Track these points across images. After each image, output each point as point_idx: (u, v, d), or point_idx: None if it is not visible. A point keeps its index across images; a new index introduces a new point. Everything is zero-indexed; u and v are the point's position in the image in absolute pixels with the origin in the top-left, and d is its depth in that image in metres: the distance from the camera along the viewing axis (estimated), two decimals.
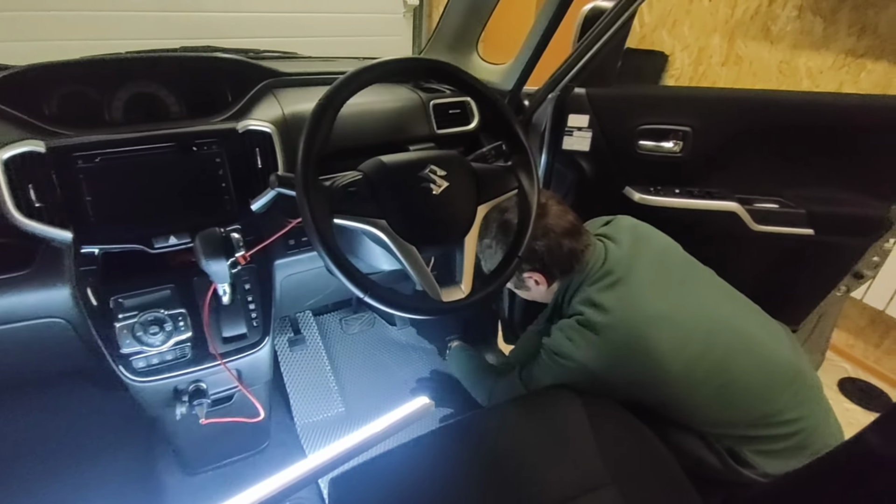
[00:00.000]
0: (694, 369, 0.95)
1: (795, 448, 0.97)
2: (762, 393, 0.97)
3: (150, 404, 0.99)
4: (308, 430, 1.39)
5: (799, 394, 0.99)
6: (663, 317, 0.95)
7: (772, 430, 0.97)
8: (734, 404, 0.97)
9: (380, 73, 0.80)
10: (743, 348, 0.98)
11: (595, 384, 0.97)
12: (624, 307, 0.96)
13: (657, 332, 0.94)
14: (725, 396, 0.96)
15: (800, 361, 1.03)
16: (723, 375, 0.96)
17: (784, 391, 0.98)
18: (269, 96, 1.12)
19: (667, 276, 1.03)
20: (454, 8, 1.38)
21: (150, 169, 0.93)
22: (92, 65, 1.01)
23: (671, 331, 0.95)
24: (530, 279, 1.07)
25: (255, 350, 1.01)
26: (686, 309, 0.98)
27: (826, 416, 1.02)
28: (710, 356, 0.96)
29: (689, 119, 1.29)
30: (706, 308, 1.01)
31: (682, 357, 0.94)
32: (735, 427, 0.99)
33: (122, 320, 0.90)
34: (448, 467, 0.89)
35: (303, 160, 0.72)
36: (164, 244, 0.94)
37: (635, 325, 0.94)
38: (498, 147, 1.04)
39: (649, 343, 0.93)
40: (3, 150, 0.83)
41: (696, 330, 0.96)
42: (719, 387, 0.96)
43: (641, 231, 1.12)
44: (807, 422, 0.98)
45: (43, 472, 1.27)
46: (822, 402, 1.03)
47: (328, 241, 0.73)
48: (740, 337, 0.99)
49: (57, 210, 0.87)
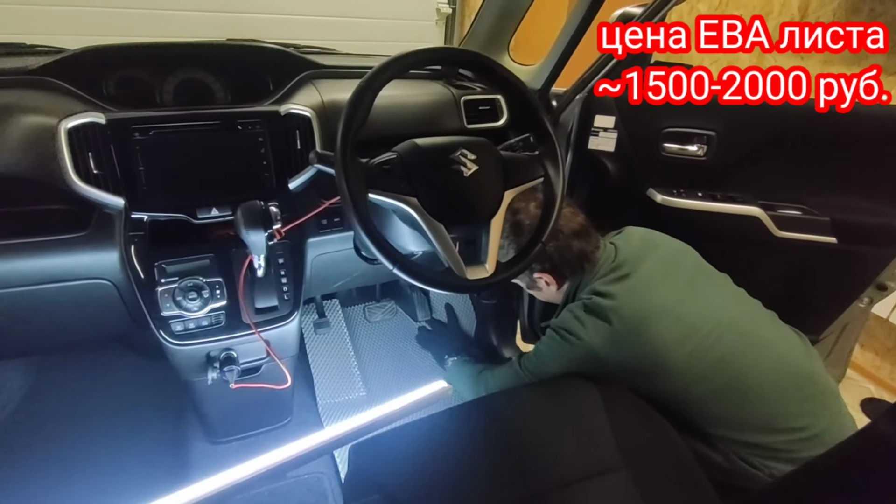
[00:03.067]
0: (695, 364, 0.96)
1: (806, 454, 0.96)
2: (768, 395, 0.97)
3: (184, 368, 1.04)
4: (329, 409, 1.43)
5: (810, 400, 0.99)
6: (666, 309, 0.98)
7: (780, 437, 0.97)
8: (739, 405, 0.98)
9: (417, 60, 0.84)
10: (748, 350, 0.99)
11: (598, 369, 1.00)
12: (629, 296, 0.99)
13: (658, 323, 0.97)
14: (729, 395, 0.97)
15: (813, 367, 1.03)
16: (726, 373, 0.97)
17: (793, 396, 0.98)
18: (308, 85, 1.18)
19: (675, 275, 1.05)
20: (487, 11, 1.43)
21: (198, 145, 1.00)
22: (146, 49, 1.09)
23: (673, 324, 0.97)
24: (541, 279, 1.10)
25: (285, 323, 1.06)
26: (690, 306, 1.00)
27: (841, 424, 1.00)
28: (713, 353, 0.97)
29: (713, 124, 1.31)
30: (711, 308, 1.02)
31: (683, 350, 0.96)
32: (741, 430, 0.98)
33: (164, 285, 0.96)
34: (464, 443, 0.92)
35: (342, 137, 0.77)
36: (207, 215, 1.00)
37: (637, 313, 0.97)
38: (525, 139, 1.08)
39: (650, 332, 0.96)
40: (67, 120, 0.91)
41: (699, 326, 0.98)
42: (722, 385, 0.97)
43: (652, 237, 1.15)
44: (818, 428, 0.97)
45: (81, 435, 1.34)
46: (838, 410, 1.02)
47: (363, 214, 0.77)
48: (746, 339, 1.00)
49: (112, 178, 0.94)
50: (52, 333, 1.09)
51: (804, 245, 1.29)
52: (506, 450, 0.89)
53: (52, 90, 0.99)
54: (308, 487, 1.18)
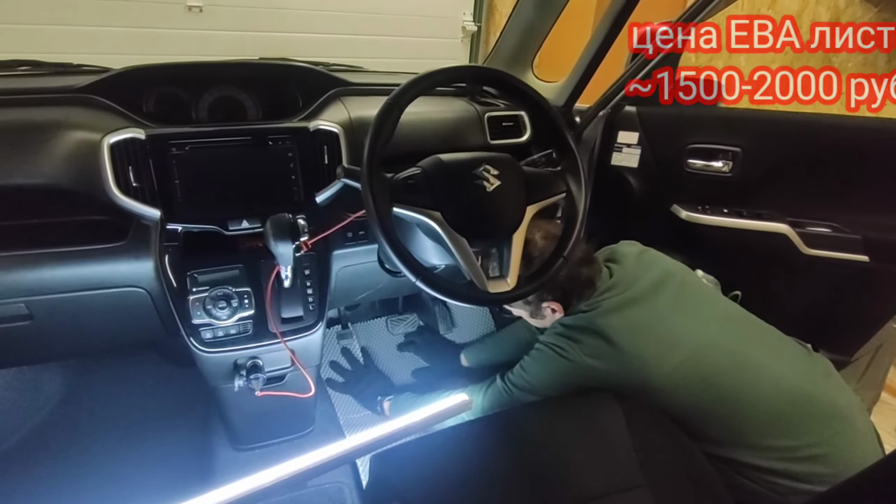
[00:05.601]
0: (680, 383, 0.98)
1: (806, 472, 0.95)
2: (759, 416, 0.97)
3: (211, 375, 1.07)
4: (350, 424, 1.45)
5: (806, 420, 0.97)
6: (650, 326, 1.01)
7: (773, 454, 0.96)
8: (730, 425, 0.98)
9: (442, 78, 0.87)
10: (734, 371, 0.99)
11: (587, 382, 1.02)
12: (619, 315, 1.02)
13: (644, 340, 1.00)
14: (719, 415, 0.98)
15: (814, 388, 1.00)
16: (711, 392, 0.98)
17: (786, 416, 0.96)
18: (336, 102, 1.22)
19: (662, 294, 1.06)
20: (512, 29, 1.46)
21: (230, 159, 1.04)
22: (184, 68, 1.14)
23: (657, 341, 1.00)
24: (548, 308, 1.11)
25: (310, 333, 1.08)
26: (673, 324, 1.02)
27: (853, 448, 0.96)
28: (697, 372, 0.98)
29: (739, 139, 1.30)
30: (694, 327, 1.03)
31: (668, 366, 0.98)
32: (736, 450, 0.98)
33: (196, 293, 0.99)
34: (484, 456, 0.92)
35: (369, 152, 0.79)
36: (238, 227, 1.04)
37: (625, 331, 1.00)
38: (548, 155, 1.09)
39: (637, 347, 0.99)
40: (110, 136, 0.96)
41: (681, 345, 1.00)
42: (711, 404, 0.98)
43: (645, 256, 1.15)
44: (819, 448, 0.94)
45: (112, 438, 1.38)
46: (851, 434, 0.98)
47: (387, 227, 0.79)
48: (733, 359, 1.00)
49: (150, 190, 0.99)
50: (88, 339, 1.14)
51: (834, 263, 1.26)
52: (526, 464, 0.89)
53: (97, 107, 1.05)
54: (329, 497, 1.19)
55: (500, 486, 0.86)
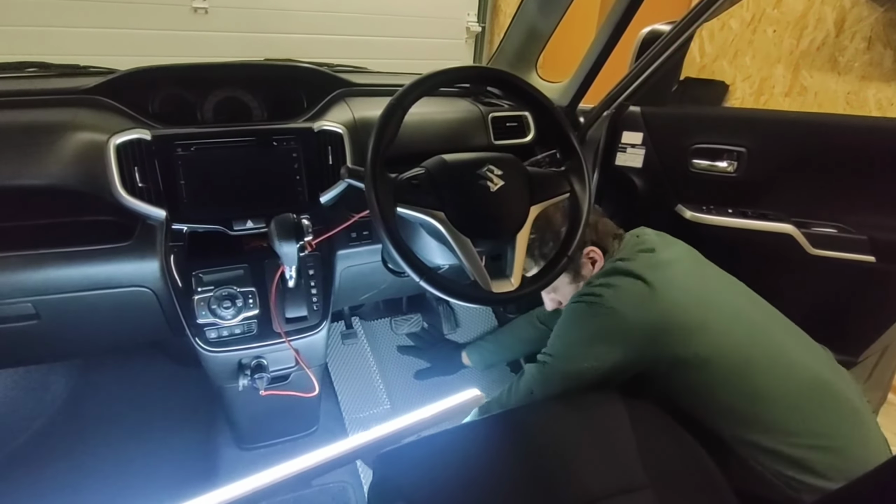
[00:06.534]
0: (715, 350, 0.96)
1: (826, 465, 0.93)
2: (783, 394, 0.96)
3: (216, 374, 1.08)
4: (354, 423, 1.45)
5: (829, 411, 0.96)
6: (685, 288, 1.01)
7: (797, 440, 0.94)
8: (758, 403, 0.96)
9: (446, 79, 0.87)
10: (764, 344, 0.99)
11: (624, 334, 0.99)
12: (656, 265, 1.02)
13: (678, 289, 0.99)
14: (748, 390, 0.96)
15: (834, 379, 1.00)
16: (744, 364, 0.96)
17: (812, 403, 0.95)
18: (341, 103, 1.22)
19: (690, 263, 1.08)
20: (516, 30, 1.46)
21: (235, 160, 1.05)
22: (189, 70, 1.15)
23: (694, 306, 0.99)
24: (586, 258, 1.11)
25: (314, 332, 1.08)
26: (708, 289, 1.03)
27: (867, 446, 0.96)
28: (732, 339, 0.97)
29: (744, 140, 1.29)
30: (726, 296, 1.04)
31: (700, 334, 0.97)
32: (755, 430, 0.96)
33: (200, 293, 1.00)
34: (488, 456, 0.92)
35: (373, 152, 0.80)
36: (242, 227, 1.05)
37: (663, 279, 1.00)
38: (552, 155, 1.09)
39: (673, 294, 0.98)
40: (116, 137, 0.97)
41: (717, 308, 1.00)
42: (741, 376, 0.96)
43: (666, 236, 1.16)
44: (839, 441, 0.94)
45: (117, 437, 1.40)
46: (865, 432, 0.98)
47: (391, 227, 0.79)
48: (763, 334, 1.00)
49: (155, 191, 0.99)
50: (94, 338, 1.15)
51: (840, 264, 1.25)
52: (530, 464, 0.89)
53: (103, 108, 1.06)
54: (333, 496, 1.20)
55: (504, 487, 0.86)
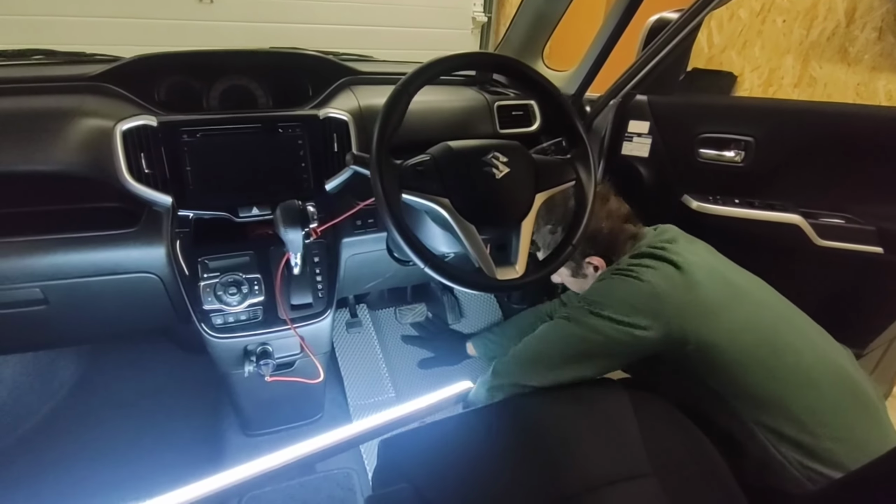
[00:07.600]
0: (738, 334, 0.96)
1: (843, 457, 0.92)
2: (807, 382, 0.95)
3: (222, 361, 1.09)
4: (359, 410, 1.46)
5: (849, 402, 0.96)
6: (713, 274, 1.01)
7: (818, 430, 0.93)
8: (774, 381, 0.95)
9: (451, 65, 0.86)
10: (788, 332, 0.99)
11: (655, 310, 0.97)
12: (686, 252, 1.03)
13: (708, 277, 0.99)
14: (770, 368, 0.95)
15: (853, 371, 1.00)
16: (769, 345, 0.96)
17: (832, 392, 0.95)
18: (346, 90, 1.22)
19: (713, 256, 1.08)
20: (522, 18, 1.45)
21: (241, 146, 1.05)
22: (195, 57, 1.15)
23: (721, 287, 0.99)
24: (590, 265, 1.11)
25: (319, 320, 1.09)
26: (733, 279, 1.03)
27: (883, 440, 0.96)
28: (757, 323, 0.98)
29: (751, 129, 1.28)
30: (750, 284, 1.04)
31: (728, 313, 0.97)
32: (776, 415, 0.95)
33: (206, 280, 1.01)
34: (492, 443, 0.92)
35: (378, 139, 0.79)
36: (248, 214, 1.05)
37: (694, 265, 1.00)
38: (558, 143, 1.08)
39: (706, 282, 0.98)
40: (122, 123, 0.97)
41: (743, 294, 1.00)
42: (764, 362, 0.96)
43: (685, 233, 1.15)
44: (859, 435, 0.93)
45: (124, 423, 1.41)
46: (880, 426, 0.97)
47: (396, 214, 0.79)
48: (787, 322, 1.00)
49: (161, 177, 1.00)
50: (101, 324, 1.16)
51: (847, 255, 1.25)
52: (533, 451, 0.89)
53: (109, 95, 1.06)
54: (337, 482, 1.21)
55: (506, 472, 0.86)
